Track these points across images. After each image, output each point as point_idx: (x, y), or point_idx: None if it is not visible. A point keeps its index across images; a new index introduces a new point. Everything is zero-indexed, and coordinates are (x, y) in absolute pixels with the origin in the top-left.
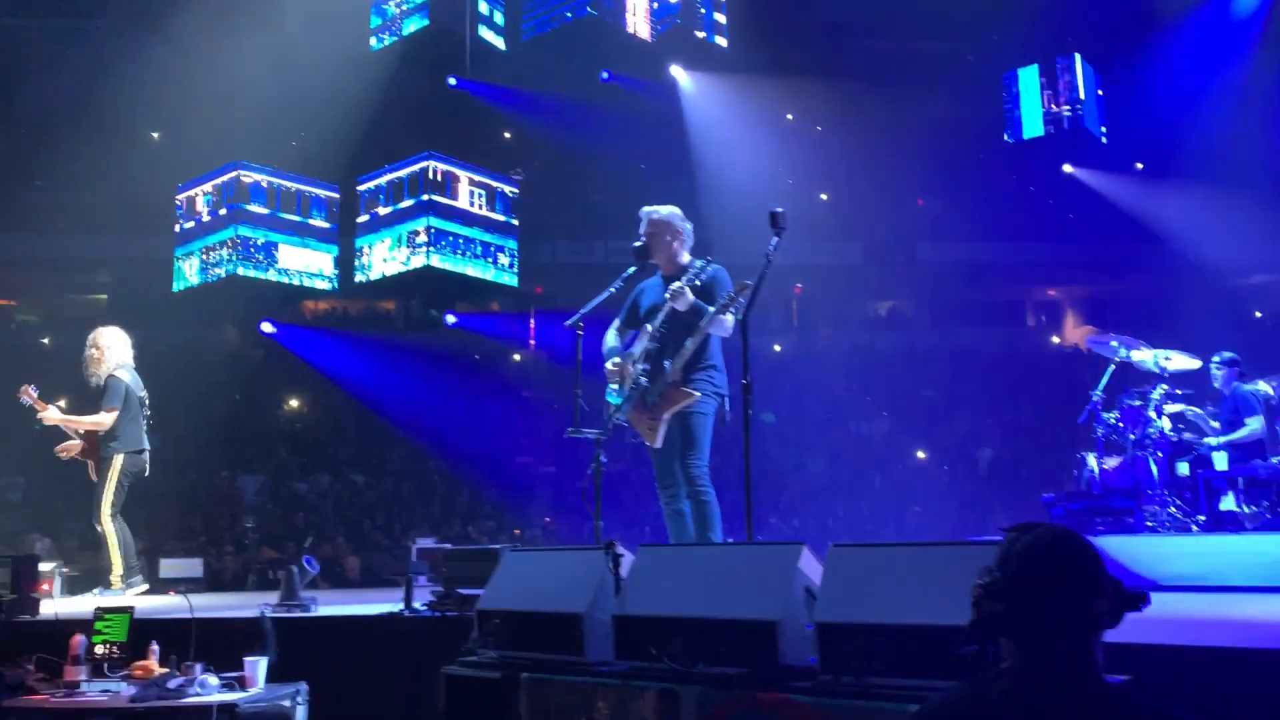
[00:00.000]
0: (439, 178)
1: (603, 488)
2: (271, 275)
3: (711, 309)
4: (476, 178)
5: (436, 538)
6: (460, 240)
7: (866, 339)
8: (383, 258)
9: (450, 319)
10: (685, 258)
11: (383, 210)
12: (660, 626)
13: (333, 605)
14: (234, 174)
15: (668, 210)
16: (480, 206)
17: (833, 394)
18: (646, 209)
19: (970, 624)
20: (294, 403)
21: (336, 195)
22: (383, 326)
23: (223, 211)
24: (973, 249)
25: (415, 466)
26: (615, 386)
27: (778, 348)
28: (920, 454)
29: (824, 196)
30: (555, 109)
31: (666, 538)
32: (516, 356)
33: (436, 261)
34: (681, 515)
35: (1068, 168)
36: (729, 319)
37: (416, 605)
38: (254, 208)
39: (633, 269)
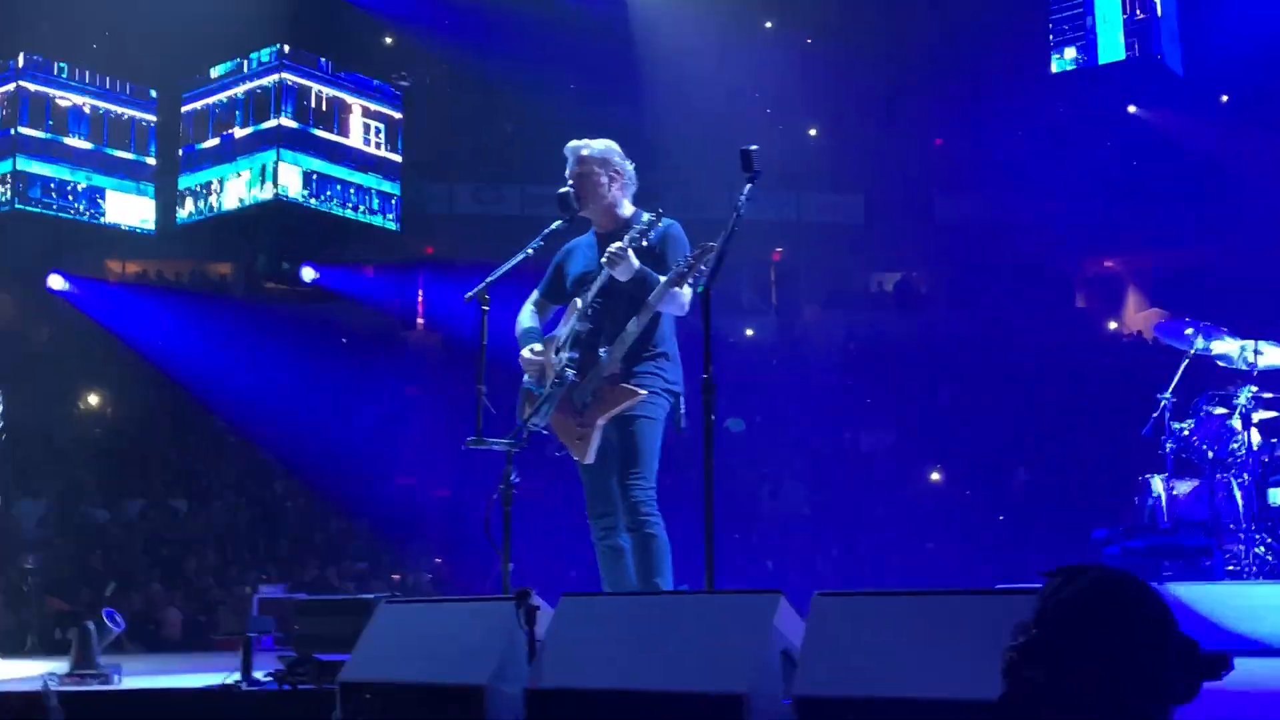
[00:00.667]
0: (293, 94)
1: (515, 517)
2: (69, 217)
3: (663, 279)
4: (346, 97)
5: (286, 584)
6: (323, 182)
7: (867, 322)
8: (214, 199)
9: (309, 274)
10: (627, 209)
11: (213, 141)
12: (588, 703)
13: (145, 675)
14: (12, 85)
15: (603, 145)
16: (352, 135)
17: (821, 394)
18: (575, 144)
19: (1001, 697)
20: (92, 398)
21: (153, 118)
22: (218, 292)
23: None
24: (1006, 205)
25: (258, 487)
26: (533, 381)
27: (750, 332)
28: (935, 474)
29: (813, 132)
30: (454, 8)
31: (599, 584)
32: (402, 338)
33: (294, 185)
34: (619, 553)
35: (1133, 108)
36: (685, 292)
37: (258, 675)
38: (32, 132)
39: (557, 224)
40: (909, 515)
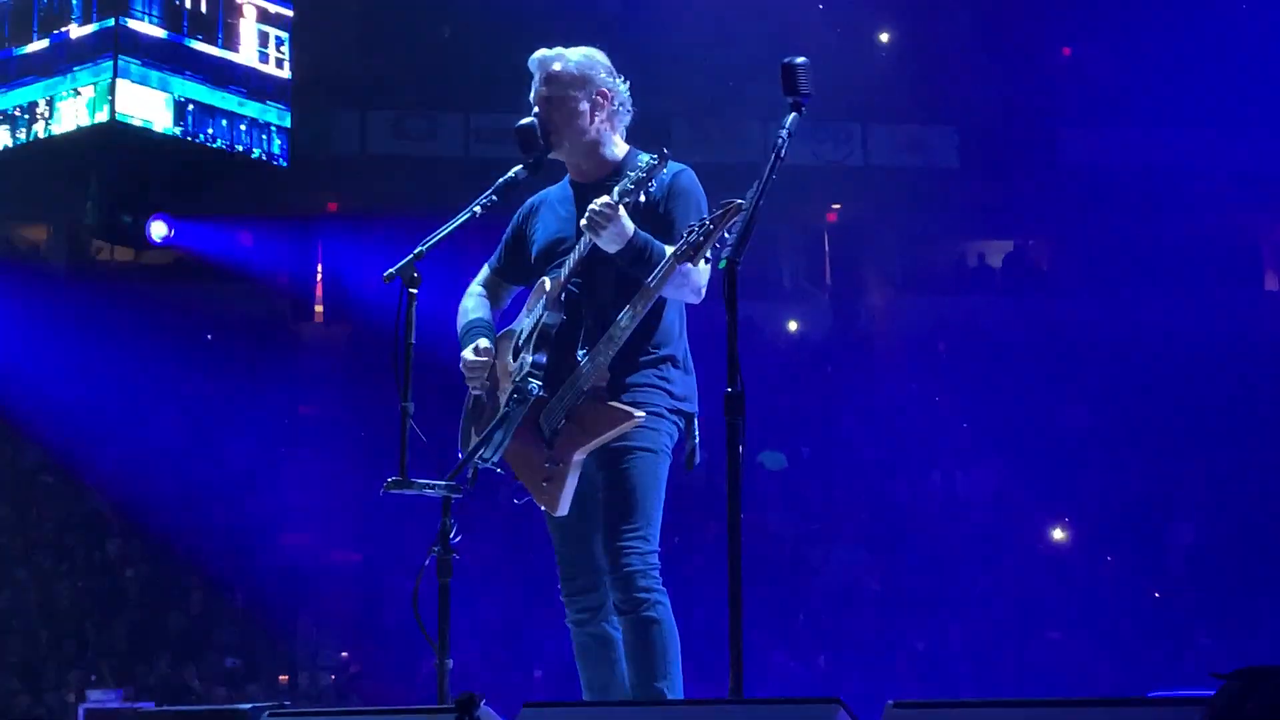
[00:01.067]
0: None
1: (456, 592)
2: None
3: (670, 249)
4: None
5: (125, 690)
6: (202, 115)
7: (961, 310)
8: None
9: (160, 230)
10: (618, 149)
11: (39, 44)
12: None
13: None
14: None
15: (582, 56)
16: (243, 48)
17: (895, 414)
18: (542, 54)
19: None
20: None
21: None
22: (26, 261)
23: None
24: (1163, 144)
25: (86, 547)
26: (480, 395)
27: (794, 325)
28: (1058, 531)
29: (884, 38)
30: None
31: (576, 687)
32: (293, 333)
33: (160, 118)
34: (606, 644)
35: None
36: (702, 270)
37: None
38: None
39: (516, 170)
40: (1020, 589)
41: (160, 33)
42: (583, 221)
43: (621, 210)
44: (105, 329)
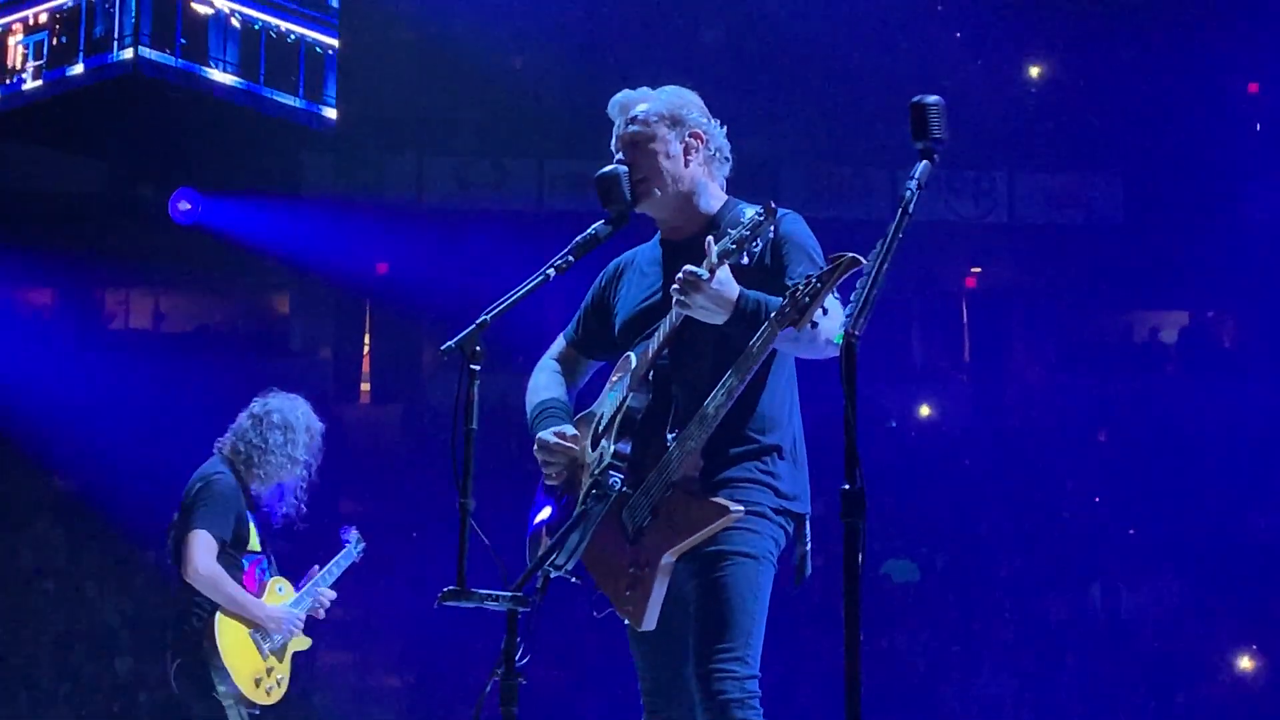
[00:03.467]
0: None
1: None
2: None
3: (775, 310)
4: None
5: None
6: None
7: (1128, 393)
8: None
9: (183, 206)
10: (715, 199)
11: None
12: None
13: None
14: None
15: (671, 95)
16: None
17: (1048, 517)
18: (625, 95)
19: None
20: None
21: None
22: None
23: None
24: None
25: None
26: (555, 487)
27: (926, 411)
28: (1245, 660)
29: (1035, 72)
30: None
31: None
32: (334, 415)
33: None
34: None
35: None
36: (821, 334)
37: None
38: None
39: (597, 227)
40: None
41: None
42: (675, 285)
43: (723, 272)
44: (119, 398)
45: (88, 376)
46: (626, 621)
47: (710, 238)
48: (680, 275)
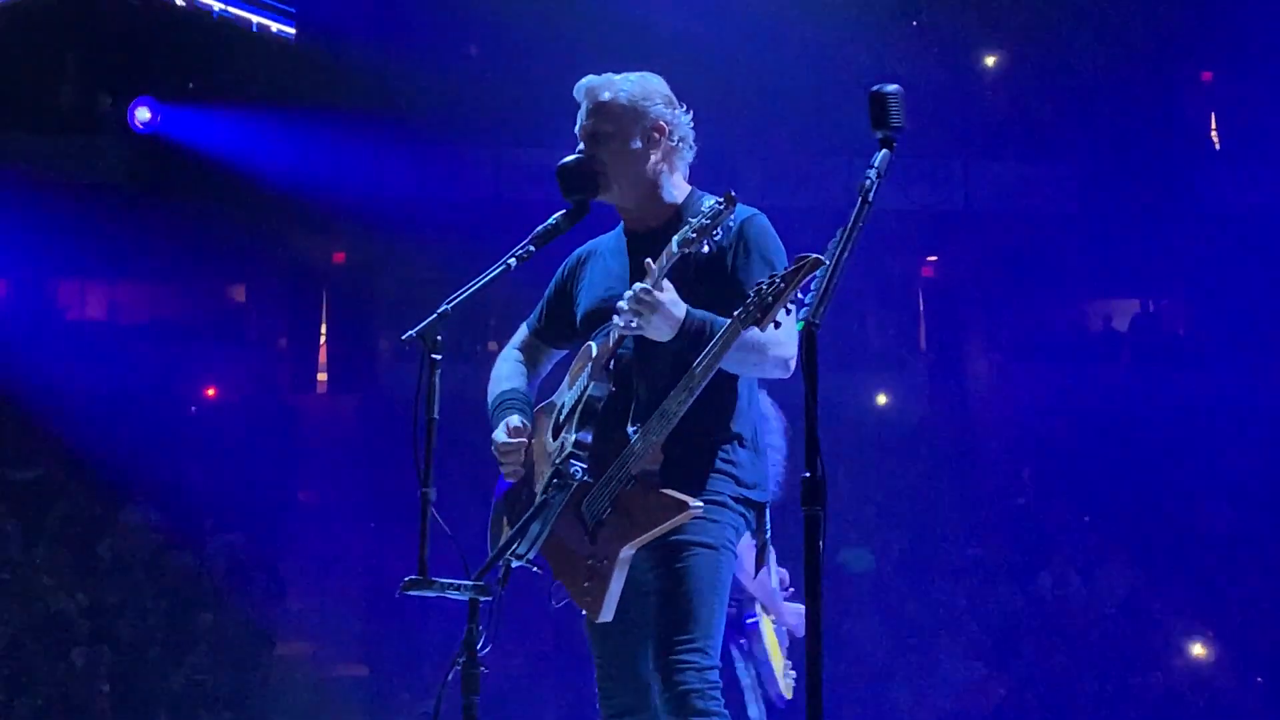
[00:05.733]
0: None
1: (483, 710)
2: None
3: (739, 308)
4: None
5: None
6: None
7: (1081, 382)
8: None
9: (143, 115)
10: (679, 189)
11: None
12: None
13: None
14: None
15: (636, 84)
16: None
17: (1002, 505)
18: (590, 82)
19: None
20: None
21: None
22: None
23: None
24: None
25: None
26: (512, 477)
27: (884, 399)
28: (1198, 648)
29: (990, 61)
30: None
31: None
32: (289, 407)
33: None
34: None
35: None
36: (785, 335)
37: None
38: None
39: (557, 217)
40: (1151, 716)
41: None
42: (620, 304)
43: (667, 293)
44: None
45: (42, 365)
46: (585, 613)
47: (676, 237)
48: (629, 294)
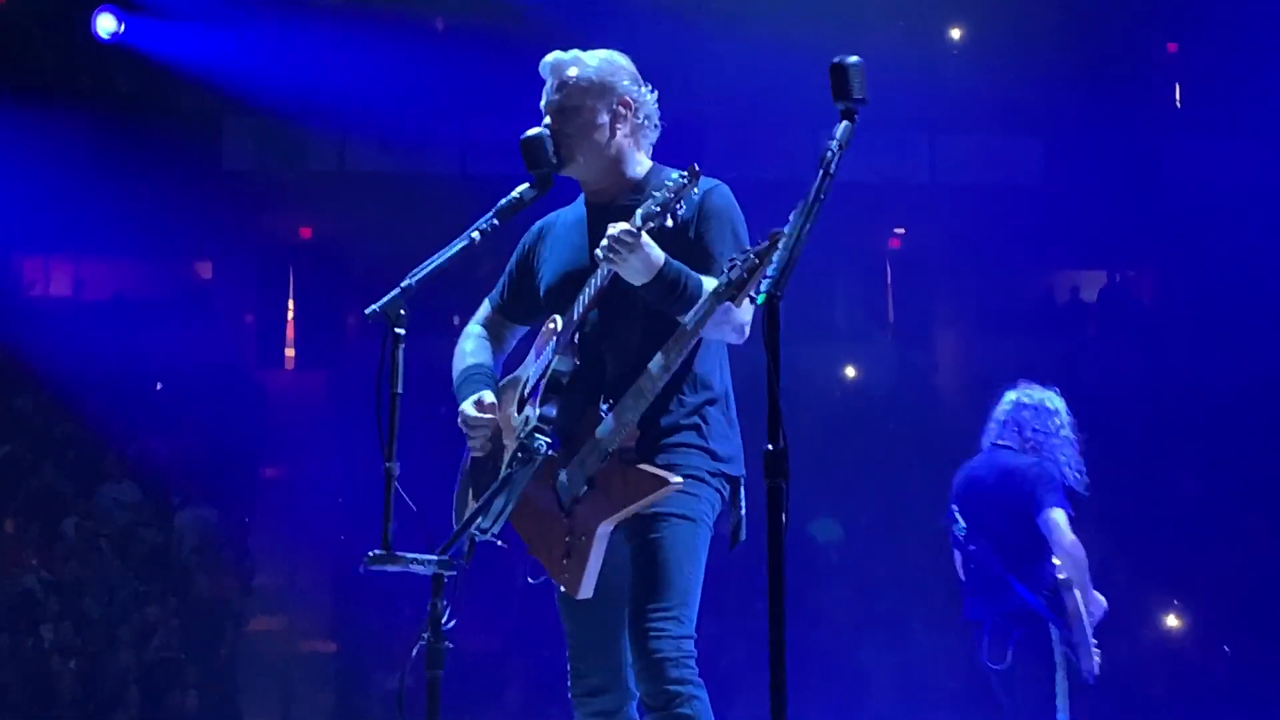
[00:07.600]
0: None
1: (450, 688)
2: None
3: (706, 282)
4: None
5: None
6: None
7: (1049, 353)
8: None
9: (107, 24)
10: (642, 165)
11: None
12: None
13: None
14: None
15: (602, 60)
16: None
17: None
18: (556, 57)
19: None
20: None
21: None
22: None
23: None
24: None
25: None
26: (480, 454)
27: (851, 372)
28: (1170, 619)
29: (956, 34)
30: None
31: None
32: (255, 382)
33: None
34: None
35: None
36: (744, 309)
37: None
38: None
39: (522, 189)
40: (1123, 684)
41: None
42: (598, 250)
43: (645, 236)
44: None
45: (7, 342)
46: (562, 589)
47: (640, 210)
48: (610, 234)
